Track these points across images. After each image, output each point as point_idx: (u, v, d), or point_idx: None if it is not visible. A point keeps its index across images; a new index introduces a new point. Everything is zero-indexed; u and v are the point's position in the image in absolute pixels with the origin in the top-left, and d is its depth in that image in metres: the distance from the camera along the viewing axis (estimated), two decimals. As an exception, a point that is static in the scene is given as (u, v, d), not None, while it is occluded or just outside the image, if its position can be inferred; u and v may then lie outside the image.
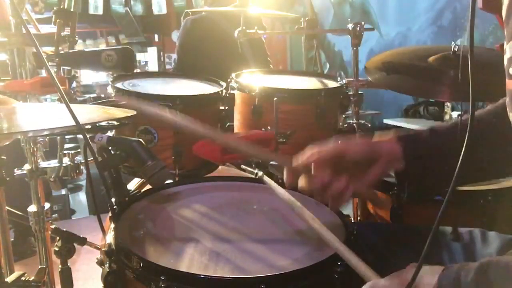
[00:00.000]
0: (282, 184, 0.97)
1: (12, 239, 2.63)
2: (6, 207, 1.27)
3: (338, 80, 1.61)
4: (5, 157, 1.17)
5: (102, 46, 6.54)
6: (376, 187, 1.23)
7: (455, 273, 0.62)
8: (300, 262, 0.80)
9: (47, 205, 1.37)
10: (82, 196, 4.15)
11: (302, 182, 0.89)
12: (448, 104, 3.17)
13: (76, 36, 1.60)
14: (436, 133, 0.92)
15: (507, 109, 0.76)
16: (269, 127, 1.38)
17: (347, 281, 0.78)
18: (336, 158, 0.86)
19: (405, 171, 0.89)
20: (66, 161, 1.39)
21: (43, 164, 1.35)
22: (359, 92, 1.60)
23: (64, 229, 1.41)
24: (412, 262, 0.67)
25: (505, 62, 0.73)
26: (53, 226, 1.39)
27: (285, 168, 0.92)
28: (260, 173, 1.00)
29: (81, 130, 0.81)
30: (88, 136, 0.99)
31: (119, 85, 1.43)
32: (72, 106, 0.79)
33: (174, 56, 2.97)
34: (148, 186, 1.16)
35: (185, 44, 2.73)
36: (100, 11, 5.55)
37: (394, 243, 0.96)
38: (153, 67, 6.47)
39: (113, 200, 1.02)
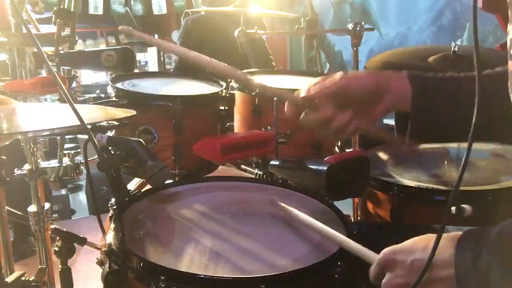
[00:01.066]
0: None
1: (12, 239, 2.64)
2: (6, 207, 1.27)
3: (338, 80, 1.61)
4: (5, 157, 1.17)
5: (102, 46, 6.54)
6: (373, 186, 1.24)
7: (475, 236, 0.62)
8: (300, 262, 0.80)
9: (47, 205, 1.37)
10: (82, 196, 4.15)
11: (304, 115, 0.87)
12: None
13: (76, 36, 1.60)
14: (448, 80, 0.87)
15: (509, 90, 0.75)
16: (269, 127, 1.38)
17: (347, 281, 0.78)
18: (340, 93, 0.83)
19: (409, 112, 0.85)
20: (66, 161, 1.39)
21: (43, 164, 1.35)
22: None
23: (64, 229, 1.41)
24: None
25: (508, 43, 0.72)
26: (53, 226, 1.39)
27: (287, 101, 0.90)
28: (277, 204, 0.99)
29: (84, 128, 0.81)
30: (88, 137, 0.98)
31: (119, 85, 1.42)
32: (74, 104, 0.79)
33: (174, 56, 2.97)
34: (148, 186, 1.16)
35: (186, 44, 2.73)
36: (100, 11, 5.55)
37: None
38: (153, 67, 6.47)
39: (113, 200, 1.03)
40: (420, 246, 0.66)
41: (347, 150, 1.45)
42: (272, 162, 1.14)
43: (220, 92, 1.48)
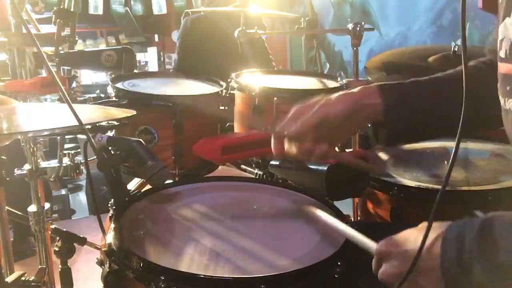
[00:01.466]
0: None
1: (12, 239, 2.64)
2: (6, 207, 1.27)
3: (338, 80, 1.61)
4: (5, 157, 1.17)
5: (102, 46, 6.54)
6: (373, 186, 1.24)
7: (460, 228, 0.63)
8: (300, 262, 0.80)
9: (47, 205, 1.37)
10: (82, 196, 4.15)
11: (288, 148, 0.93)
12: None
13: (76, 36, 1.60)
14: (419, 84, 0.93)
15: (499, 92, 0.76)
16: (269, 127, 1.38)
17: (347, 281, 0.78)
18: (320, 124, 0.89)
19: (382, 121, 0.92)
20: (66, 161, 1.39)
21: (43, 164, 1.35)
22: (359, 92, 1.60)
23: (64, 229, 1.41)
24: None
25: (498, 45, 0.74)
26: (53, 226, 1.39)
27: (272, 137, 0.97)
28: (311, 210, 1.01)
29: (82, 129, 0.81)
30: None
31: (119, 85, 1.43)
32: (72, 105, 0.80)
33: (174, 56, 2.98)
34: (148, 186, 1.16)
35: (186, 44, 2.73)
36: (100, 11, 5.55)
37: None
38: (153, 67, 6.47)
39: (113, 200, 1.03)
40: (411, 237, 0.69)
41: (347, 150, 1.45)
42: (272, 162, 1.14)
43: (220, 92, 1.48)
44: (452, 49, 1.38)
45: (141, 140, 1.06)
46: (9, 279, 1.03)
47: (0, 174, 1.15)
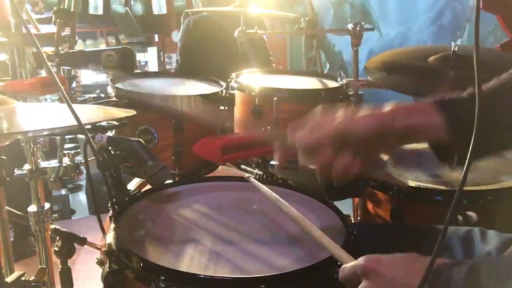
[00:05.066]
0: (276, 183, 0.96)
1: (12, 239, 2.64)
2: (6, 207, 1.27)
3: (338, 80, 1.61)
4: (5, 157, 1.17)
5: (102, 46, 6.54)
6: (373, 186, 1.24)
7: (448, 269, 0.62)
8: (300, 262, 0.80)
9: (47, 205, 1.37)
10: (82, 196, 4.15)
11: (302, 160, 0.82)
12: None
13: (76, 36, 1.60)
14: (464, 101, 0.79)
15: None
16: (269, 127, 1.38)
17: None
18: (340, 137, 0.78)
19: (451, 140, 0.76)
20: (66, 161, 1.39)
21: (43, 164, 1.35)
22: (359, 92, 1.60)
23: (64, 229, 1.41)
24: None
25: None
26: (53, 226, 1.39)
27: (277, 144, 0.87)
28: (247, 175, 0.99)
29: (81, 129, 0.81)
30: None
31: (119, 85, 1.42)
32: (72, 106, 0.79)
33: (175, 56, 2.97)
34: (148, 186, 1.16)
35: (188, 44, 2.73)
36: (100, 11, 5.56)
37: (394, 243, 0.95)
38: (153, 67, 6.47)
39: (113, 200, 1.02)
40: (405, 264, 0.66)
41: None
42: (272, 162, 1.14)
43: (220, 92, 1.48)
44: (452, 49, 1.38)
45: (141, 140, 1.06)
46: (9, 279, 1.03)
47: (0, 174, 1.15)
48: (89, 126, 1.01)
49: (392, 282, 0.64)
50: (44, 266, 1.35)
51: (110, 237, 0.87)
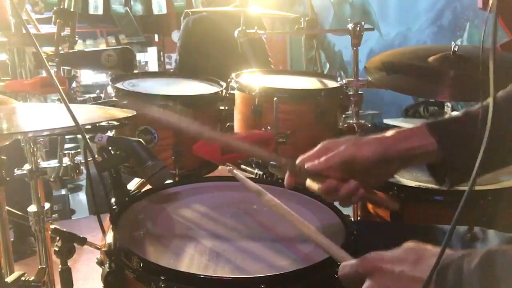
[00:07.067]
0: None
1: (12, 239, 2.63)
2: (6, 207, 1.27)
3: (338, 80, 1.61)
4: (5, 157, 1.17)
5: (102, 46, 6.54)
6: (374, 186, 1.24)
7: (458, 260, 0.60)
8: (300, 262, 0.80)
9: (47, 205, 1.37)
10: (82, 196, 4.15)
11: (310, 184, 0.88)
12: (448, 104, 3.17)
13: (76, 36, 1.60)
14: (472, 116, 0.83)
15: None
16: (269, 127, 1.38)
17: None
18: (345, 164, 0.83)
19: (444, 161, 0.82)
20: (66, 161, 1.39)
21: (43, 164, 1.35)
22: (359, 92, 1.60)
23: (64, 229, 1.41)
24: None
25: None
26: (53, 226, 1.39)
27: (288, 170, 0.90)
28: (228, 168, 0.99)
29: (80, 131, 0.81)
30: (88, 136, 0.99)
31: (119, 85, 1.43)
32: (72, 106, 0.79)
33: (174, 56, 2.98)
34: (148, 186, 1.16)
35: (187, 44, 2.73)
36: (100, 11, 5.56)
37: (394, 243, 0.95)
38: (153, 67, 6.48)
39: (113, 200, 1.03)
40: (410, 258, 0.64)
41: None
42: (272, 162, 1.14)
43: (220, 92, 1.48)
44: (452, 49, 1.38)
45: (141, 140, 1.06)
46: (9, 279, 1.03)
47: (0, 174, 1.15)
48: (89, 126, 1.01)
49: (399, 278, 0.62)
50: (44, 266, 1.35)
51: (110, 237, 0.87)
